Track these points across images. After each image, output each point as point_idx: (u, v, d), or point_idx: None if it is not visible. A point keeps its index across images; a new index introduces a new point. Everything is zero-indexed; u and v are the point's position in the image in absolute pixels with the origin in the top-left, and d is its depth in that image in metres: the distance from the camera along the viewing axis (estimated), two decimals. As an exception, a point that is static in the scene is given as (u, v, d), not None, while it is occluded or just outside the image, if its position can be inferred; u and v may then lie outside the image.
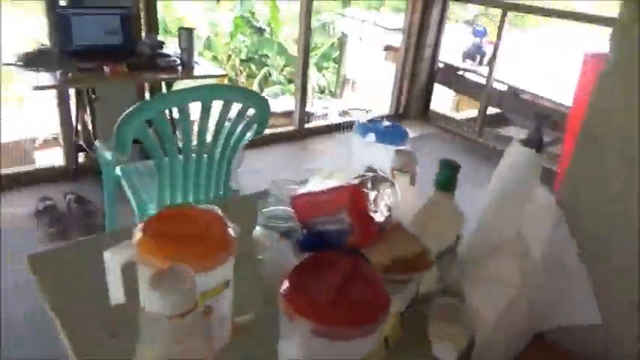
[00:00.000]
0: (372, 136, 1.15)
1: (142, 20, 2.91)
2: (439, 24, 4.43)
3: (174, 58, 2.64)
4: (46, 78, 2.26)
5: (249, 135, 1.89)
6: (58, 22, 2.54)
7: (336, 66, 11.22)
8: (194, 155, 1.83)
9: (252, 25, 9.97)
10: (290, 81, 10.29)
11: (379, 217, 0.75)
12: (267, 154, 3.36)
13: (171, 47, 2.82)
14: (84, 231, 2.39)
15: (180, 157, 1.80)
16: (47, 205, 2.42)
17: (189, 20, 8.60)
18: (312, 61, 8.39)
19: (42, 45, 2.61)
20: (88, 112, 2.67)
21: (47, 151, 4.40)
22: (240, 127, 1.85)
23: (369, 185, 0.74)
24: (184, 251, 0.63)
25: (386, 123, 1.20)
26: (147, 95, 3.00)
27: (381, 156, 1.09)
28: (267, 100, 1.81)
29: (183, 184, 1.87)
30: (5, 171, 2.95)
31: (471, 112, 5.50)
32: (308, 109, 4.32)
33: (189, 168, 1.83)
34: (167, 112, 2.01)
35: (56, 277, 0.90)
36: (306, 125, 4.02)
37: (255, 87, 9.58)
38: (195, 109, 1.76)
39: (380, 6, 12.71)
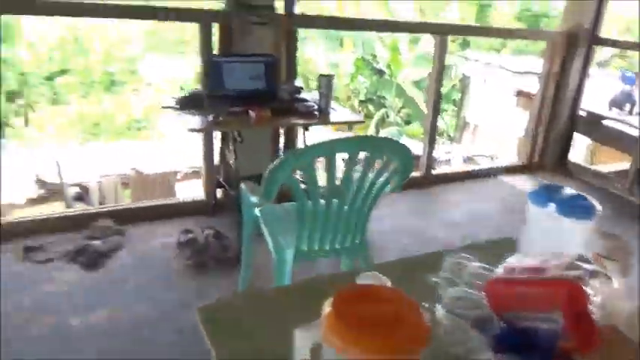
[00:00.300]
0: (552, 207, 1.03)
1: (284, 67, 3.06)
2: (582, 71, 4.11)
3: (312, 104, 2.71)
4: (198, 121, 2.44)
5: (390, 185, 1.85)
6: (212, 69, 2.76)
7: (455, 109, 10.96)
8: (336, 202, 1.83)
9: (372, 67, 10.16)
10: (407, 122, 10.23)
11: (595, 317, 0.64)
12: (393, 200, 3.28)
13: (307, 93, 2.92)
14: (219, 265, 2.49)
15: (323, 202, 1.81)
16: (189, 238, 2.57)
17: (314, 62, 9.01)
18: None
19: (195, 89, 2.84)
20: (232, 151, 2.83)
21: (185, 182, 4.80)
22: (382, 178, 1.82)
23: (588, 280, 0.64)
24: (379, 342, 0.59)
25: (567, 192, 1.08)
26: (281, 138, 3.12)
27: (569, 233, 0.97)
28: (412, 153, 1.76)
29: (321, 231, 1.86)
30: (152, 203, 3.23)
31: (613, 166, 4.98)
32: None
33: (331, 215, 1.83)
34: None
35: (226, 331, 0.90)
36: (432, 172, 3.89)
37: (372, 128, 9.66)
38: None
39: (501, 48, 12.29)
